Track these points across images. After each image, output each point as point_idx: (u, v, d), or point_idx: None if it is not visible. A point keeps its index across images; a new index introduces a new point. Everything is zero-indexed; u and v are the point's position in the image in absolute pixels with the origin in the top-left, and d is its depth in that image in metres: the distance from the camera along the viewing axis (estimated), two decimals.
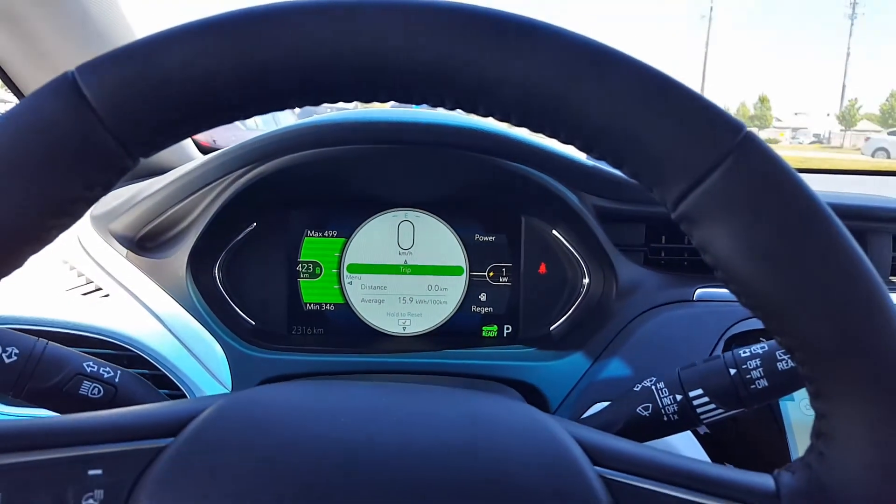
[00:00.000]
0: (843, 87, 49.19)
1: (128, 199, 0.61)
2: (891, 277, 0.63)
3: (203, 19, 0.23)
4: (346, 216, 0.62)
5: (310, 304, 0.62)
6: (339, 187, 0.60)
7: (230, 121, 0.24)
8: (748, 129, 0.25)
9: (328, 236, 0.62)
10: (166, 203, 0.57)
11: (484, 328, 0.64)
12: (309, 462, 0.24)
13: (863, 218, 0.62)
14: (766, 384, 0.37)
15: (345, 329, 0.62)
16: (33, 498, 0.24)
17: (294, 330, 0.62)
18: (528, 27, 0.23)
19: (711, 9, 46.02)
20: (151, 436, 0.25)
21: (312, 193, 0.61)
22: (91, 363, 0.41)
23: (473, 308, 0.63)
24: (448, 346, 0.61)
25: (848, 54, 49.72)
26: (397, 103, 0.26)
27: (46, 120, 0.22)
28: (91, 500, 0.24)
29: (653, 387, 0.40)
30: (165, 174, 0.60)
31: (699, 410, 0.38)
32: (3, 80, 0.70)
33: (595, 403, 0.54)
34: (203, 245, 0.57)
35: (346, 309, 0.62)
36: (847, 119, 45.03)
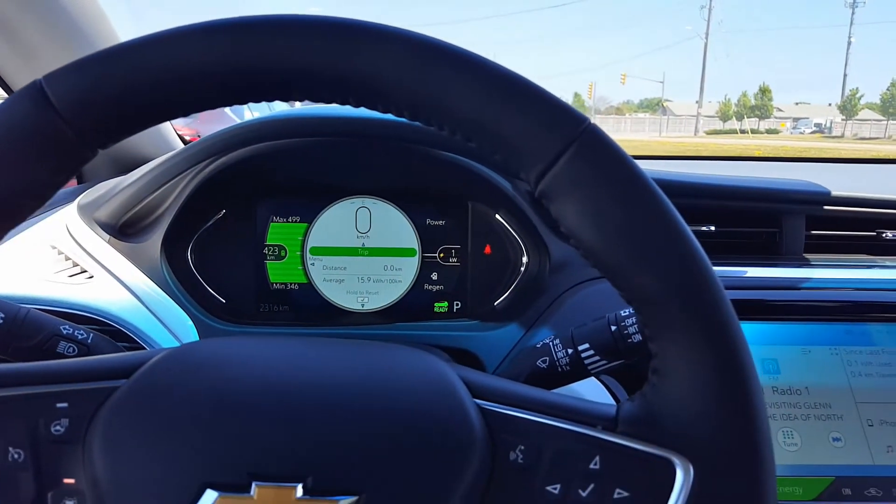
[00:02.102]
0: (845, 76, 48.94)
1: (110, 189, 0.68)
2: (804, 255, 0.69)
3: (140, 38, 0.29)
4: (308, 203, 0.68)
5: (276, 284, 0.68)
6: (301, 177, 0.67)
7: (163, 120, 0.31)
8: (590, 120, 0.31)
9: (292, 221, 0.68)
10: (142, 193, 0.63)
11: (436, 304, 0.70)
12: (240, 397, 0.30)
13: (777, 200, 0.68)
14: (640, 339, 0.43)
15: (308, 306, 0.69)
16: (11, 424, 0.30)
17: (262, 307, 0.68)
18: (403, 38, 0.29)
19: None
20: (109, 377, 0.31)
21: (276, 183, 0.67)
22: (67, 326, 0.47)
23: (426, 286, 0.70)
24: (402, 321, 0.68)
25: (849, 43, 49.42)
26: None
27: (19, 119, 0.28)
28: (58, 427, 0.29)
29: (550, 343, 0.46)
30: (143, 166, 0.66)
31: (587, 362, 0.44)
32: None
33: None
34: (175, 230, 0.63)
35: (309, 288, 0.68)
36: (848, 109, 44.81)
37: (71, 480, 0.29)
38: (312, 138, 0.62)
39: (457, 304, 0.70)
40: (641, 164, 0.31)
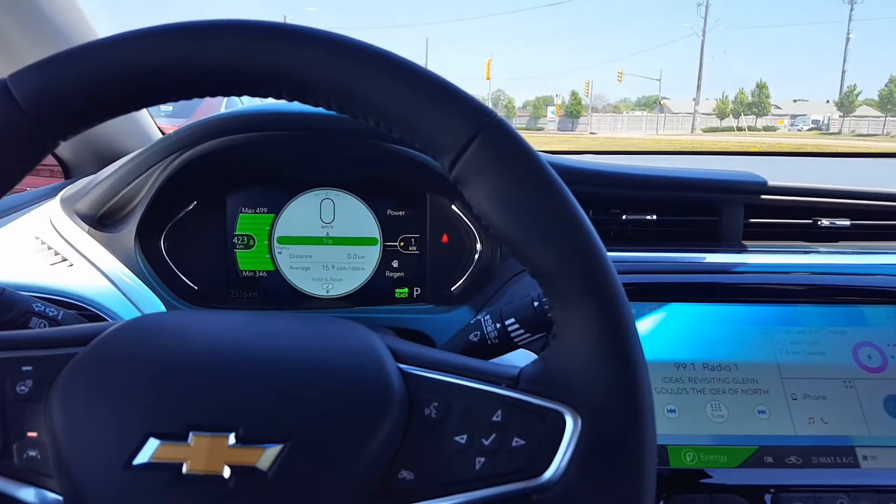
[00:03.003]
0: (843, 72, 48.92)
1: (88, 183, 0.72)
2: (743, 241, 0.73)
3: (92, 42, 0.33)
4: (275, 195, 0.72)
5: (245, 272, 0.73)
6: (268, 170, 0.71)
7: (116, 115, 0.35)
8: (495, 114, 0.35)
9: (260, 212, 0.72)
10: (117, 186, 0.67)
11: (397, 290, 0.74)
12: (181, 360, 0.34)
13: (716, 190, 0.72)
14: None
15: (276, 292, 0.73)
16: None
17: (232, 293, 0.73)
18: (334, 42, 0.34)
19: None
20: (69, 345, 0.35)
21: (244, 175, 0.71)
22: (39, 304, 0.51)
23: (387, 273, 0.74)
24: (365, 306, 0.72)
25: (847, 39, 49.42)
26: None
27: None
28: (23, 388, 0.33)
29: (482, 319, 0.50)
30: (119, 160, 0.71)
31: (513, 335, 0.48)
32: None
33: None
34: (148, 221, 0.67)
35: (276, 275, 0.73)
36: (846, 105, 44.81)
37: (34, 434, 0.33)
38: (277, 132, 0.66)
39: (416, 290, 0.74)
40: (637, 158, 0.35)
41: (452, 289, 0.73)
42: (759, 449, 0.58)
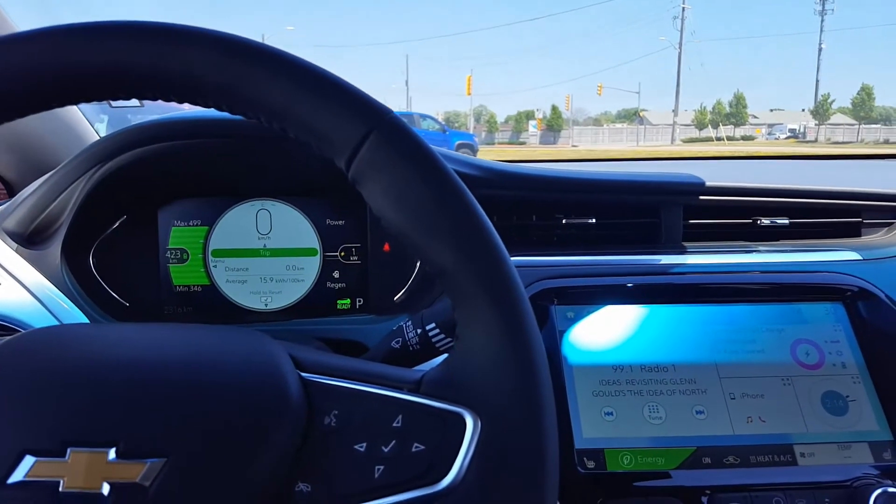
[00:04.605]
0: (817, 81, 49.88)
1: (16, 199, 0.70)
2: (683, 243, 0.73)
3: None
4: (209, 207, 0.71)
5: (179, 286, 0.71)
6: (200, 181, 0.69)
7: (25, 114, 0.34)
8: (391, 112, 0.35)
9: (193, 225, 0.71)
10: (42, 201, 0.66)
11: (338, 301, 0.73)
12: (59, 373, 0.33)
13: (654, 192, 0.72)
14: None
15: (212, 307, 0.71)
16: None
17: (166, 310, 0.71)
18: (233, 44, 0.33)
19: (683, 10, 46.55)
20: None
21: (176, 187, 0.69)
22: None
23: (328, 284, 0.72)
24: (306, 318, 0.71)
25: (820, 49, 50.43)
26: None
27: None
28: None
29: (403, 325, 0.49)
30: (45, 175, 0.69)
31: (434, 341, 0.47)
32: None
33: None
34: (74, 237, 0.65)
35: (212, 289, 0.71)
36: (820, 113, 45.67)
37: None
38: (206, 140, 0.65)
39: (359, 301, 0.73)
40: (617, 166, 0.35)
41: (395, 298, 0.72)
42: (697, 450, 0.57)
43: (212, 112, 0.68)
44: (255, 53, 0.33)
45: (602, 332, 0.63)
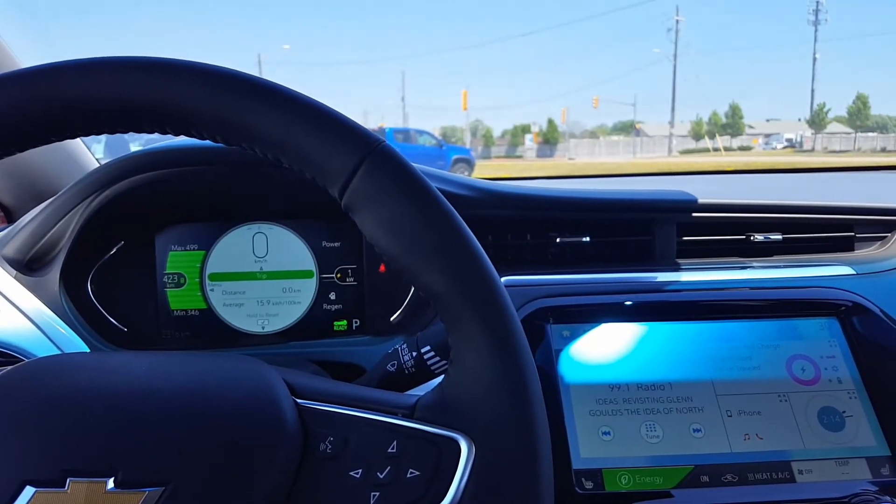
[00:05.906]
0: (812, 91, 50.13)
1: (15, 226, 0.71)
2: (677, 260, 0.74)
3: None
4: (205, 231, 0.71)
5: (176, 311, 0.71)
6: (196, 206, 0.70)
7: (25, 149, 0.35)
8: (382, 142, 0.35)
9: (190, 249, 0.71)
10: (41, 228, 0.66)
11: (335, 323, 0.73)
12: (58, 403, 0.33)
13: (647, 210, 0.73)
14: None
15: (209, 331, 0.71)
16: None
17: (164, 334, 0.71)
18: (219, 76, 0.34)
19: (677, 21, 46.94)
20: None
21: (172, 212, 0.70)
22: None
23: (325, 306, 0.73)
24: (302, 340, 0.71)
25: (814, 59, 50.76)
26: None
27: None
28: None
29: (399, 347, 0.49)
30: (44, 202, 0.70)
31: (430, 363, 0.48)
32: None
33: None
34: (72, 263, 0.66)
35: (209, 313, 0.71)
36: (817, 123, 45.86)
37: None
38: (198, 167, 0.65)
39: (356, 322, 0.73)
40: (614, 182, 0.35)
41: (392, 318, 0.72)
42: (694, 468, 0.57)
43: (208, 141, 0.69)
44: (246, 87, 0.34)
45: (598, 350, 0.63)
